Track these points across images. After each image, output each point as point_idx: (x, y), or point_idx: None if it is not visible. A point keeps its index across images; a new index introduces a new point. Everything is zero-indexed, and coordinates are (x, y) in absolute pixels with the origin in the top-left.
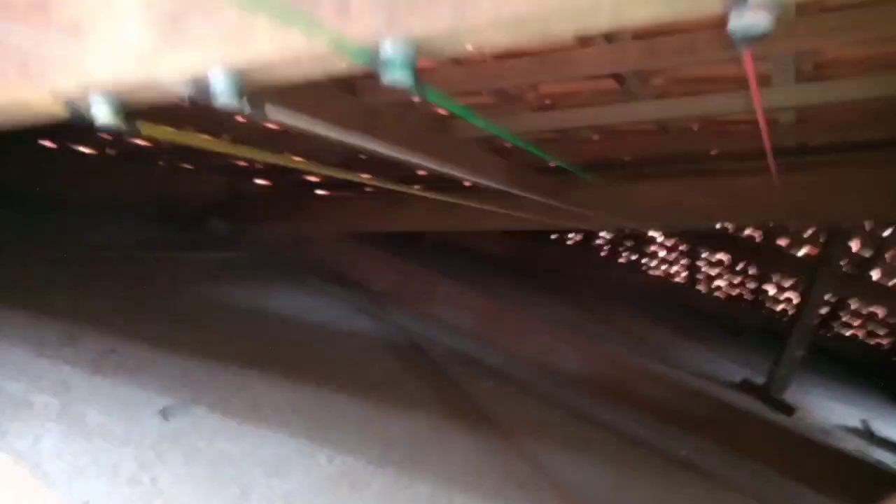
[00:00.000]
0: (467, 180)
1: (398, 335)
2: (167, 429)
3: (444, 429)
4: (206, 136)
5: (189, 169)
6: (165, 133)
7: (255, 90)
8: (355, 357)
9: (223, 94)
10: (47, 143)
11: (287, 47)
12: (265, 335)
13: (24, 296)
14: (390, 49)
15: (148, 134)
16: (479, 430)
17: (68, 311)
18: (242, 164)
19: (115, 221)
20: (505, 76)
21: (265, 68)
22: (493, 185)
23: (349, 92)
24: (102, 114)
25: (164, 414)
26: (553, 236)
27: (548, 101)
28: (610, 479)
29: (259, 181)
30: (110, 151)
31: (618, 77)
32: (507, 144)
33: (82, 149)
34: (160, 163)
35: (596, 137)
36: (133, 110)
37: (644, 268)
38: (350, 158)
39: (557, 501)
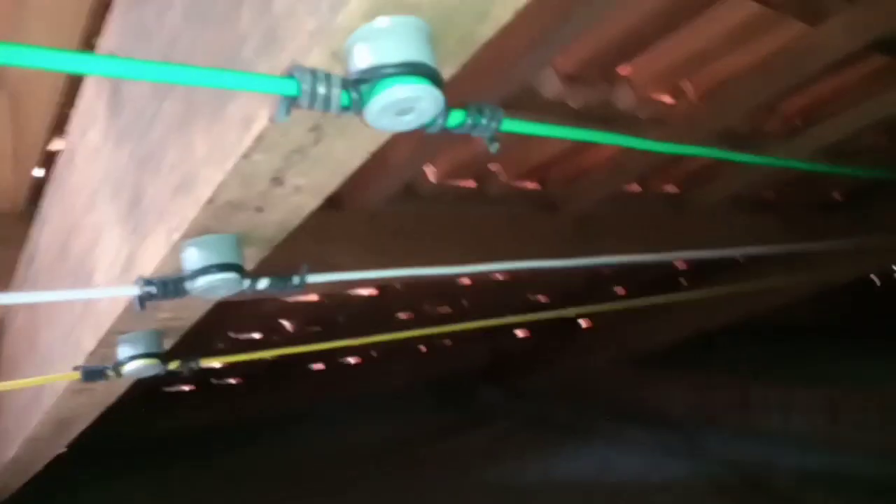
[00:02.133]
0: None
1: (723, 472)
2: None
3: None
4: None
5: (448, 345)
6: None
7: None
8: None
9: None
10: (318, 366)
11: None
12: None
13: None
14: None
15: None
16: None
17: None
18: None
19: (385, 412)
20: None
21: None
22: (767, 251)
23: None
24: None
25: None
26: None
27: (798, 122)
28: None
29: (518, 333)
30: (373, 353)
31: None
32: (770, 194)
33: (350, 360)
34: (420, 347)
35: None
36: None
37: None
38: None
39: None
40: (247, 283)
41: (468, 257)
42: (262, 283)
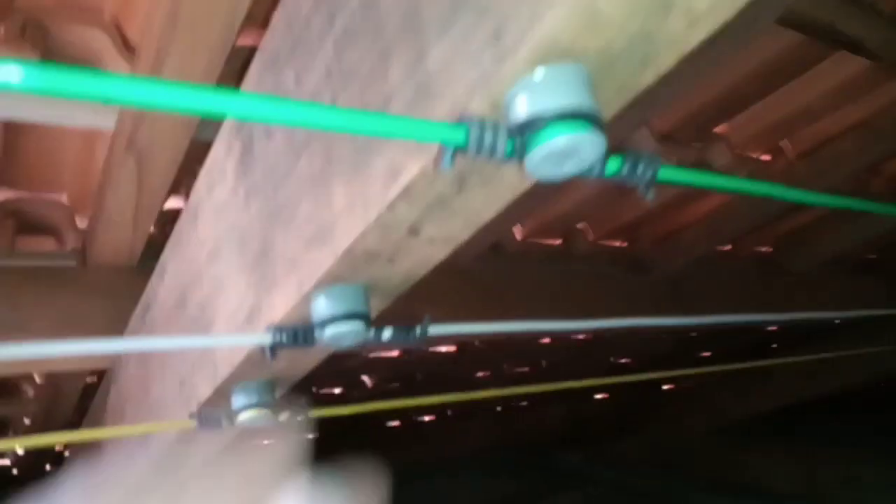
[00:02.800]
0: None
1: None
2: None
3: None
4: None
5: (525, 406)
6: None
7: None
8: None
9: None
10: (394, 423)
11: None
12: None
13: None
14: None
15: None
16: None
17: None
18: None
19: (458, 475)
20: None
21: None
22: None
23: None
24: None
25: None
26: None
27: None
28: None
29: (602, 396)
30: (449, 412)
31: None
32: (871, 255)
33: (425, 418)
34: (497, 407)
35: None
36: None
37: None
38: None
39: None
40: (371, 332)
41: (553, 316)
42: (387, 334)
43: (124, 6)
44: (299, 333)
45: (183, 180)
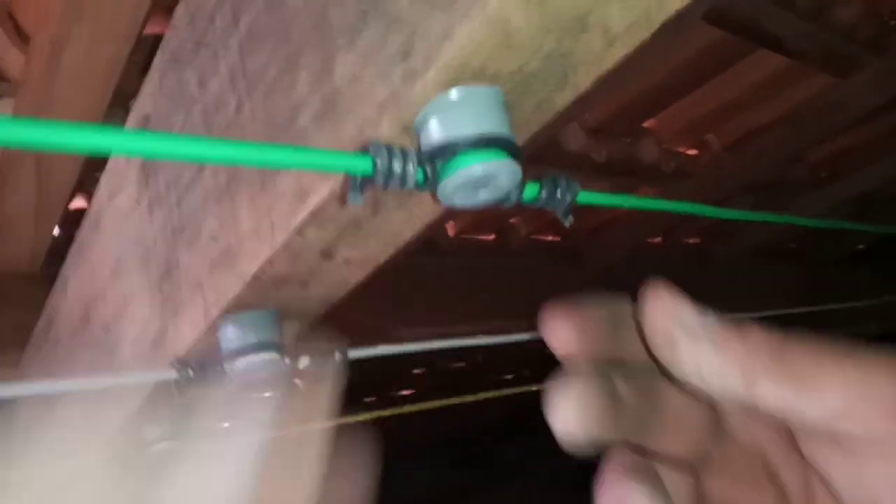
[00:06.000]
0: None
1: None
2: None
3: None
4: None
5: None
6: None
7: None
8: None
9: None
10: None
11: None
12: None
13: None
14: None
15: None
16: None
17: None
18: None
19: (396, 470)
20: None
21: None
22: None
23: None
24: None
25: None
26: None
27: (824, 173)
28: None
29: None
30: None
31: None
32: (793, 245)
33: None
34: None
35: None
36: None
37: None
38: None
39: None
40: (287, 362)
41: (491, 312)
42: (303, 362)
43: None
44: (207, 368)
45: (89, 178)
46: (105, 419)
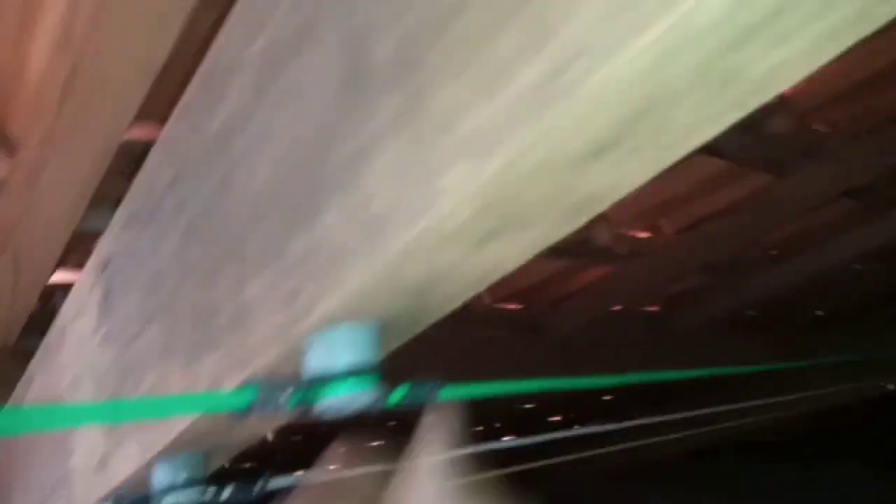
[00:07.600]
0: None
1: None
2: None
3: None
4: None
5: None
6: None
7: None
8: None
9: None
10: None
11: None
12: None
13: None
14: None
15: None
16: None
17: None
18: None
19: None
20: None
21: None
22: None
23: None
24: None
25: None
26: None
27: (774, 252)
28: None
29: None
30: None
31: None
32: (755, 314)
33: None
34: None
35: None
36: None
37: None
38: None
39: None
40: (210, 493)
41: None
42: (226, 493)
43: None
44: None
45: (69, 255)
46: None
